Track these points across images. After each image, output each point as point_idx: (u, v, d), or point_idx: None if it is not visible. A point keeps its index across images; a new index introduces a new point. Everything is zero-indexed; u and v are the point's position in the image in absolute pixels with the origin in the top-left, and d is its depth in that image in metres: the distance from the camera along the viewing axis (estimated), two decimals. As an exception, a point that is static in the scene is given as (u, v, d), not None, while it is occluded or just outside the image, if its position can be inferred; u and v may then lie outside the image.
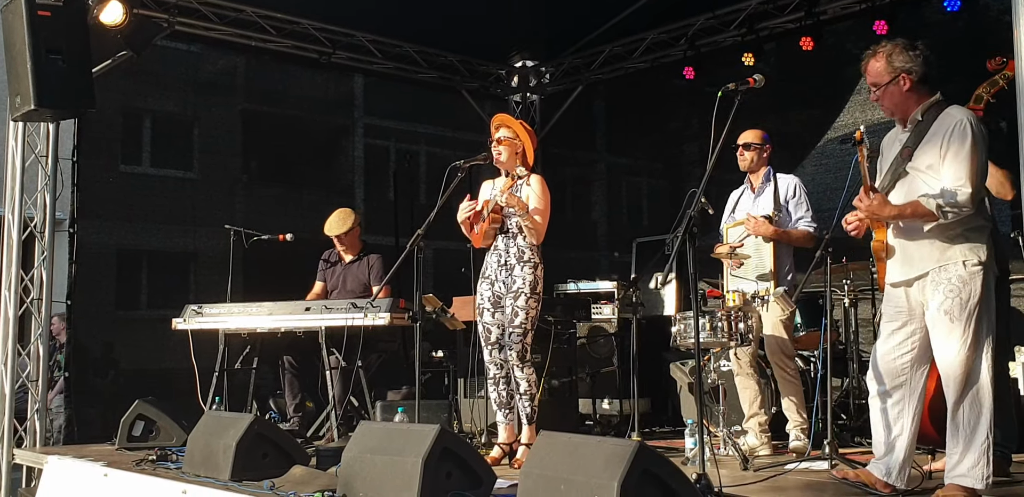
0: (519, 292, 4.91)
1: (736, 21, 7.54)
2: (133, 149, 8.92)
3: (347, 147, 9.72)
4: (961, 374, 3.49)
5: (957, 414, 3.52)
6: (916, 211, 3.50)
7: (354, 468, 3.83)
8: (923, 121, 3.64)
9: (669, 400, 7.00)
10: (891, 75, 3.64)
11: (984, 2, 6.58)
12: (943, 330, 3.53)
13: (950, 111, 3.60)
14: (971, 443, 3.49)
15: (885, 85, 3.66)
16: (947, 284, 3.51)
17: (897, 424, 3.69)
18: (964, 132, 3.48)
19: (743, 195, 5.47)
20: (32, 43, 5.33)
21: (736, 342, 4.85)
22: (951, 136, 3.50)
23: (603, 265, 9.44)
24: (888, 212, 3.56)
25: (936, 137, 3.55)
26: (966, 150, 3.46)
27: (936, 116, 3.60)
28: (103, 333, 7.53)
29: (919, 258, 3.60)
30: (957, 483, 3.51)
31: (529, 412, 4.96)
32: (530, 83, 9.45)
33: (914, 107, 3.66)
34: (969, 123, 3.50)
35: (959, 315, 3.49)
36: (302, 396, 6.46)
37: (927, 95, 3.67)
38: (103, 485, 4.86)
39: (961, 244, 3.53)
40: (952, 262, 3.53)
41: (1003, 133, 4.87)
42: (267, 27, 7.72)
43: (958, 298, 3.49)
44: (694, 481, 3.41)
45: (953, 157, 3.48)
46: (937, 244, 3.56)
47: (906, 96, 3.65)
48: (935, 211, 3.45)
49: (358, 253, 6.65)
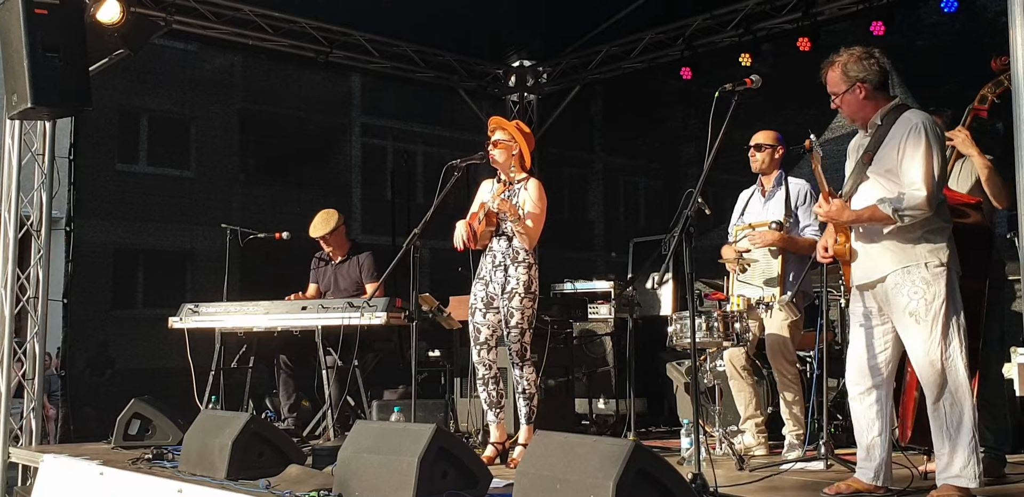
0: (513, 292, 4.92)
1: (733, 21, 7.54)
2: (130, 147, 8.93)
3: (344, 146, 9.71)
4: (934, 374, 3.54)
5: (939, 414, 3.56)
6: (874, 216, 3.58)
7: (350, 467, 3.83)
8: (882, 125, 3.71)
9: (665, 400, 7.00)
10: (847, 84, 3.73)
11: (981, 3, 6.59)
12: (911, 332, 3.59)
13: (907, 115, 3.67)
14: (958, 442, 3.52)
15: (842, 94, 3.75)
16: (911, 286, 3.57)
17: (875, 425, 3.74)
18: (919, 135, 3.55)
19: (753, 197, 5.41)
20: (29, 41, 5.32)
21: (732, 342, 4.85)
22: (907, 140, 3.57)
23: (600, 265, 9.45)
24: (847, 217, 3.65)
25: (893, 141, 3.63)
26: (921, 153, 3.53)
27: (895, 120, 3.68)
28: (99, 332, 7.52)
29: (881, 261, 3.66)
30: (951, 484, 3.52)
31: (527, 412, 4.97)
32: (527, 83, 9.44)
33: (872, 113, 3.75)
34: (924, 127, 3.57)
35: (925, 316, 3.54)
36: (298, 395, 6.46)
37: (885, 100, 3.76)
38: (99, 484, 4.85)
39: (922, 246, 3.59)
40: (914, 264, 3.58)
41: (1000, 134, 4.88)
42: (264, 26, 7.71)
43: (923, 299, 3.54)
44: (690, 481, 3.42)
45: (909, 160, 3.56)
46: (898, 247, 3.62)
47: (863, 103, 3.74)
48: (892, 215, 3.52)
49: (347, 252, 6.65)
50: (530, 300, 4.96)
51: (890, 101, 3.75)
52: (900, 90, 7.03)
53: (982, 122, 4.53)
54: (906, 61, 7.09)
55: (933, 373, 3.54)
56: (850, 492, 3.72)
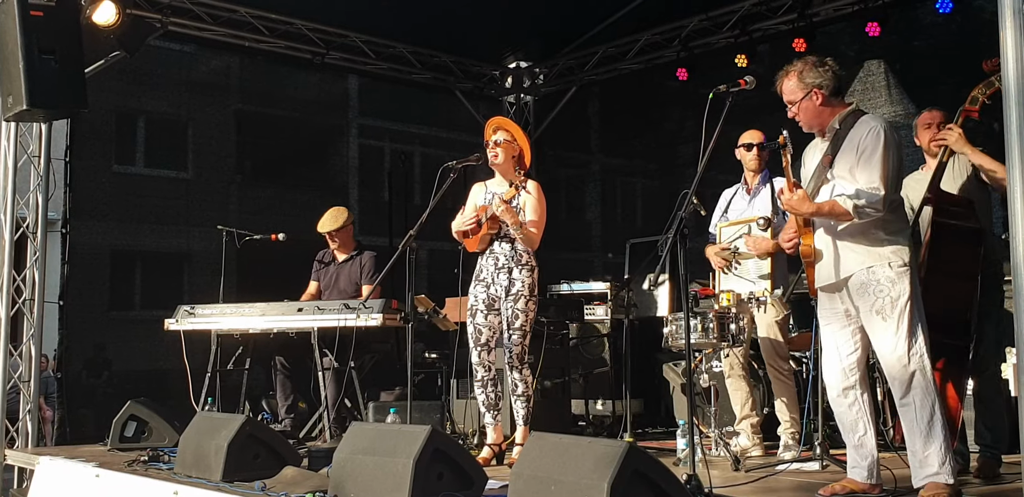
0: (519, 295, 4.93)
1: (729, 23, 7.56)
2: (127, 149, 8.91)
3: (341, 148, 9.70)
4: (900, 370, 3.59)
5: (908, 411, 3.60)
6: (833, 209, 3.62)
7: (345, 469, 3.83)
8: (840, 129, 3.78)
9: (662, 401, 7.01)
10: (804, 91, 3.79)
11: (977, 4, 6.59)
12: (878, 329, 3.65)
13: (864, 119, 3.75)
14: (931, 439, 3.56)
15: (799, 101, 3.81)
16: (876, 285, 3.63)
17: (858, 425, 3.78)
18: (877, 138, 3.62)
19: (736, 195, 5.45)
20: (25, 43, 5.32)
21: (727, 343, 4.86)
22: (864, 141, 3.65)
23: (597, 266, 9.45)
24: (807, 208, 3.67)
25: (852, 143, 3.70)
26: (878, 155, 3.60)
27: (852, 124, 3.74)
28: (96, 334, 7.51)
29: (846, 261, 3.71)
30: (935, 481, 3.54)
31: (524, 413, 4.97)
32: (524, 84, 9.45)
33: (830, 119, 3.81)
34: (882, 130, 3.66)
35: (891, 313, 3.60)
36: (294, 397, 6.46)
37: (842, 106, 3.83)
38: (95, 486, 4.85)
39: (885, 247, 3.66)
40: (878, 264, 3.64)
41: (995, 133, 4.88)
42: (260, 27, 7.71)
43: (888, 297, 3.60)
44: (685, 482, 3.42)
45: (866, 162, 3.63)
46: (862, 247, 3.68)
47: (820, 110, 3.79)
48: (851, 210, 3.57)
49: (351, 252, 6.65)
50: (534, 303, 5.00)
51: (847, 106, 3.83)
52: (896, 91, 7.07)
53: (977, 122, 4.54)
54: (902, 62, 7.10)
55: (900, 369, 3.59)
56: (845, 493, 3.73)
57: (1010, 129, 3.10)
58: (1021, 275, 3.04)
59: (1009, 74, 3.11)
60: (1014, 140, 3.09)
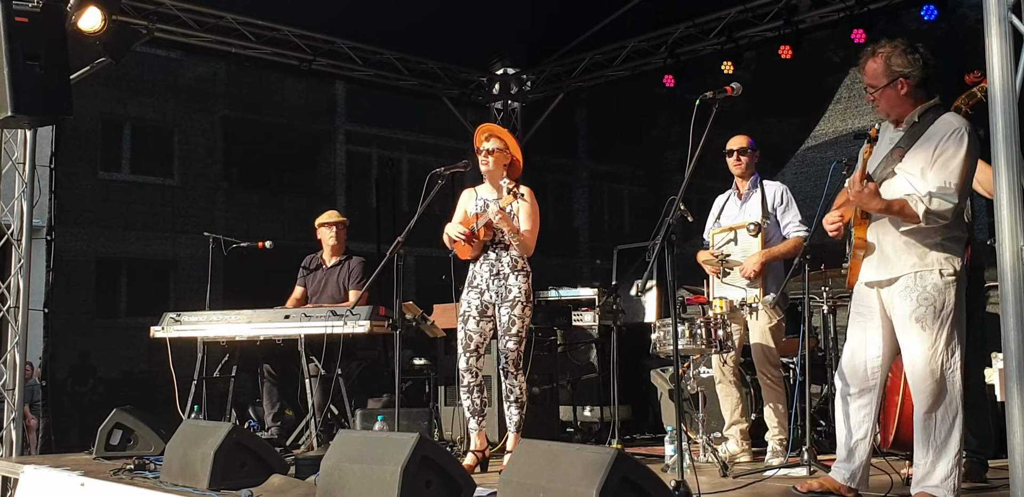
0: (515, 301, 4.94)
1: (716, 30, 7.59)
2: (113, 156, 8.88)
3: (328, 154, 9.70)
4: (932, 384, 3.47)
5: (928, 424, 3.49)
6: (903, 210, 3.45)
7: (333, 477, 3.81)
8: (919, 123, 3.58)
9: (650, 407, 7.01)
10: (888, 78, 3.59)
11: (961, 11, 6.65)
12: (914, 338, 3.51)
13: (948, 117, 3.57)
14: (943, 454, 3.46)
15: (882, 88, 3.60)
16: (921, 292, 3.49)
17: (861, 428, 3.68)
18: (960, 141, 3.44)
19: (729, 201, 5.46)
20: (9, 49, 5.30)
21: (715, 349, 4.86)
22: (946, 142, 3.46)
23: (584, 272, 9.46)
24: (876, 204, 3.49)
25: (930, 142, 3.51)
26: (959, 159, 3.43)
27: (933, 120, 3.57)
28: (81, 341, 7.47)
29: (896, 261, 3.57)
30: (928, 493, 3.47)
31: (518, 420, 4.97)
32: (511, 90, 9.46)
33: (910, 110, 3.61)
34: (966, 133, 3.46)
35: (931, 324, 3.46)
36: (281, 404, 6.43)
37: (924, 99, 3.62)
38: (80, 495, 4.82)
39: (939, 253, 3.51)
40: (928, 269, 3.50)
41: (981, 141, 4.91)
42: (247, 34, 7.70)
43: (932, 307, 3.47)
44: (673, 488, 3.42)
45: (943, 164, 3.45)
46: (916, 249, 3.53)
47: (903, 100, 3.60)
48: (920, 214, 3.41)
49: (341, 256, 6.65)
50: (530, 309, 5.02)
51: (929, 99, 3.62)
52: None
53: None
54: (887, 69, 7.14)
55: (932, 383, 3.46)
56: (821, 490, 3.69)
57: (996, 137, 3.11)
58: (1007, 281, 3.05)
59: (995, 81, 3.12)
60: (1000, 147, 3.10)
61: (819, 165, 7.13)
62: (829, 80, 7.36)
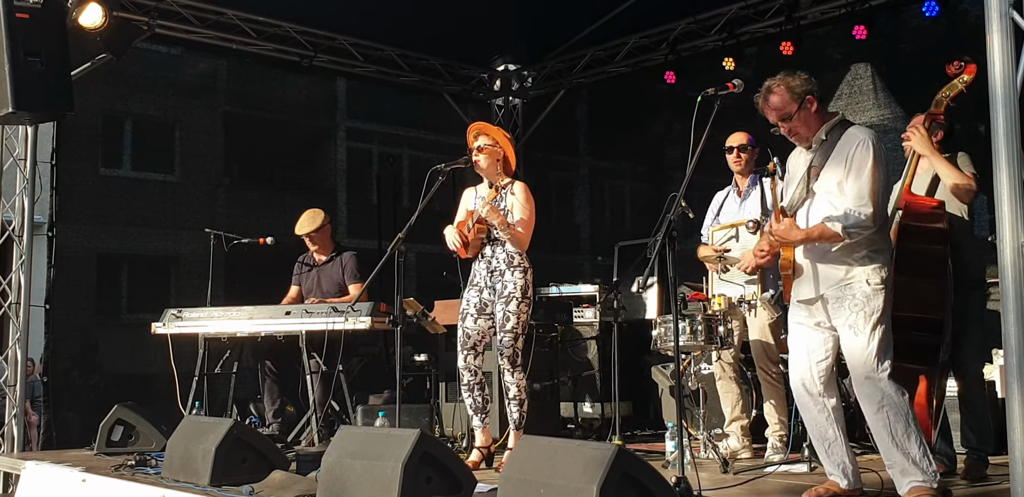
0: (511, 297, 4.93)
1: (717, 26, 7.58)
2: (114, 152, 8.88)
3: (329, 150, 9.70)
4: (870, 386, 3.57)
5: (882, 421, 3.56)
6: (823, 234, 3.58)
7: (334, 473, 3.81)
8: (827, 140, 3.70)
9: (651, 403, 7.01)
10: (797, 101, 3.68)
11: (963, 7, 6.63)
12: (850, 344, 3.62)
13: (853, 131, 3.68)
14: (909, 449, 3.53)
15: (796, 112, 3.68)
16: (851, 300, 3.60)
17: (829, 431, 3.74)
18: (867, 151, 3.56)
19: (728, 198, 5.46)
20: (10, 45, 5.28)
21: (716, 345, 4.86)
22: (854, 155, 3.58)
23: (585, 268, 9.45)
24: (796, 236, 3.65)
25: (840, 156, 3.62)
26: (868, 169, 3.54)
27: (840, 135, 3.68)
28: (83, 337, 7.47)
29: (824, 278, 3.68)
30: (921, 486, 3.52)
31: (517, 417, 4.96)
32: (512, 87, 9.45)
33: (819, 128, 3.73)
34: (871, 143, 3.58)
35: (863, 328, 3.57)
36: (282, 400, 6.44)
37: (829, 116, 3.75)
38: (81, 491, 4.82)
39: (865, 265, 3.61)
40: (856, 281, 3.61)
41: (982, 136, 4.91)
42: (248, 30, 7.69)
43: (862, 312, 3.58)
44: (674, 484, 3.42)
45: (856, 176, 3.56)
46: (842, 265, 3.64)
47: (816, 117, 3.71)
48: (840, 232, 3.53)
49: (330, 253, 6.64)
50: (526, 305, 4.97)
51: (833, 116, 3.76)
52: (883, 94, 7.10)
53: (966, 124, 4.56)
54: (888, 65, 7.13)
55: (870, 385, 3.57)
56: (828, 495, 3.71)
57: (997, 132, 3.11)
58: (1008, 277, 3.05)
59: (996, 77, 3.12)
60: (1000, 143, 3.10)
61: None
62: (830, 76, 7.34)
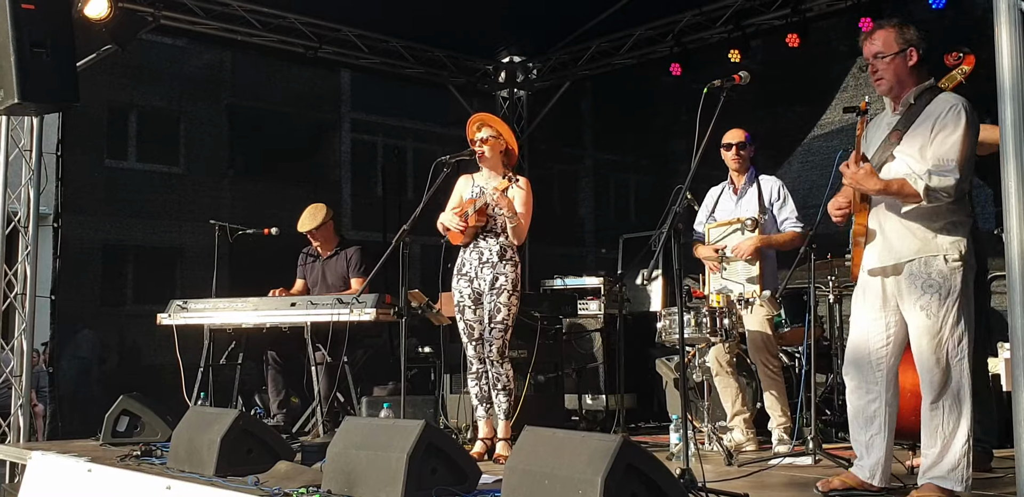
0: (502, 289, 4.94)
1: (723, 18, 7.56)
2: (118, 144, 8.86)
3: (334, 142, 9.68)
4: (938, 373, 3.40)
5: (936, 414, 3.42)
6: (902, 189, 3.37)
7: (339, 464, 3.83)
8: (915, 105, 3.53)
9: (655, 396, 7.02)
10: (900, 46, 3.53)
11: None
12: (920, 326, 3.43)
13: (944, 96, 3.52)
14: (951, 444, 3.40)
15: (893, 55, 3.53)
16: (926, 279, 3.42)
17: (875, 422, 3.58)
18: (958, 117, 3.39)
19: (723, 194, 5.44)
20: (16, 37, 5.28)
21: (720, 338, 4.86)
22: (944, 120, 3.41)
23: (590, 261, 9.44)
24: (873, 184, 3.41)
25: (928, 121, 3.46)
26: (958, 135, 3.37)
27: (929, 100, 3.52)
28: (88, 328, 7.48)
29: (900, 246, 3.50)
30: (935, 484, 3.42)
31: (507, 408, 4.98)
32: (517, 79, 9.44)
33: (910, 87, 3.56)
34: (964, 109, 3.41)
35: (936, 311, 3.40)
36: (286, 392, 6.45)
37: (923, 78, 3.58)
38: (87, 481, 4.84)
39: (944, 237, 3.44)
40: (933, 255, 3.43)
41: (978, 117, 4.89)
42: (253, 21, 7.69)
43: (937, 294, 3.40)
44: (678, 476, 3.43)
45: (942, 141, 3.39)
46: (920, 234, 3.46)
47: (909, 72, 3.54)
48: (921, 192, 3.32)
49: (335, 247, 6.64)
50: (516, 298, 5.00)
51: (927, 80, 3.59)
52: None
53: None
54: (895, 57, 7.10)
55: (938, 372, 3.40)
56: (844, 488, 3.61)
57: (1004, 124, 3.10)
58: (1015, 270, 3.04)
59: (1004, 69, 3.11)
60: (1008, 135, 3.09)
61: (825, 154, 7.10)
62: (836, 69, 7.32)
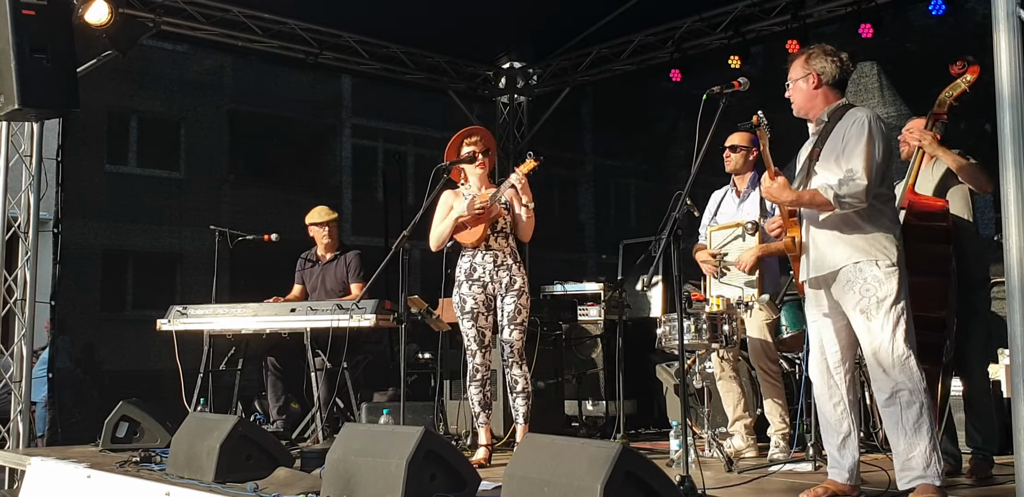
0: (520, 290, 5.00)
1: (723, 24, 7.56)
2: (119, 149, 8.87)
3: (334, 147, 9.69)
4: (882, 373, 3.54)
5: (893, 413, 3.54)
6: (814, 199, 3.59)
7: (338, 470, 3.82)
8: (828, 123, 3.76)
9: (655, 402, 7.01)
10: (804, 72, 3.76)
11: (970, 6, 6.60)
12: (862, 329, 3.60)
13: (851, 111, 3.73)
14: (916, 442, 3.50)
15: (796, 80, 3.78)
16: (862, 283, 3.57)
17: (842, 425, 3.73)
18: (861, 128, 3.59)
19: (726, 198, 5.45)
20: (16, 42, 5.29)
21: (720, 344, 4.86)
22: (849, 132, 3.62)
23: (590, 266, 9.45)
24: (787, 196, 3.65)
25: (837, 135, 3.67)
26: (862, 145, 3.56)
27: (840, 117, 3.72)
28: (88, 334, 7.48)
29: (831, 255, 3.66)
30: (928, 483, 3.49)
31: (524, 411, 4.99)
32: (517, 85, 9.45)
33: (820, 107, 3.78)
34: (868, 120, 3.60)
35: (875, 313, 3.55)
36: (286, 397, 6.44)
37: (835, 98, 3.78)
38: (86, 487, 4.83)
39: (872, 242, 3.60)
40: (865, 260, 3.59)
41: (987, 134, 4.90)
42: (254, 27, 7.69)
43: (874, 297, 3.55)
44: (678, 483, 3.42)
45: (850, 151, 3.58)
46: (847, 241, 3.63)
47: (812, 94, 3.76)
48: (831, 199, 3.52)
49: (335, 251, 6.65)
50: (528, 300, 5.06)
51: (838, 100, 3.80)
52: (889, 92, 7.08)
53: (971, 123, 4.55)
54: (895, 63, 7.11)
55: (881, 372, 3.54)
56: (827, 495, 3.68)
57: (1003, 132, 3.11)
58: (1015, 276, 3.04)
59: (1002, 76, 3.12)
60: (1007, 143, 3.10)
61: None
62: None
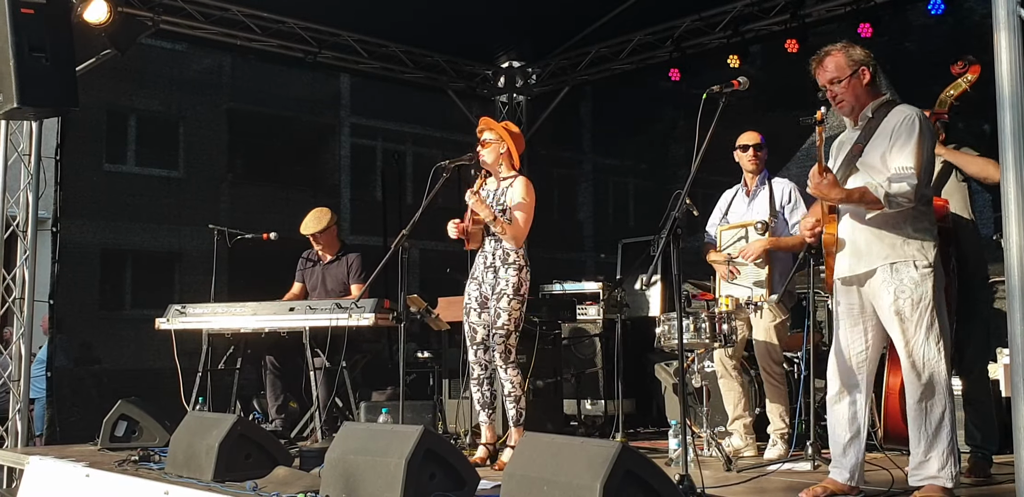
0: (501, 293, 4.92)
1: (722, 23, 7.56)
2: (118, 148, 8.87)
3: (333, 146, 9.69)
4: (914, 375, 3.55)
5: (918, 414, 3.56)
6: (864, 197, 3.53)
7: (337, 469, 3.82)
8: (873, 118, 3.70)
9: (654, 401, 7.01)
10: (852, 68, 3.70)
11: (968, 5, 6.61)
12: (896, 330, 3.59)
13: (900, 107, 3.68)
14: (935, 444, 3.53)
15: (848, 78, 3.70)
16: (898, 285, 3.56)
17: (853, 425, 3.73)
18: (912, 126, 3.55)
19: (736, 197, 5.45)
20: (15, 41, 5.29)
21: (719, 343, 4.86)
22: (899, 130, 3.57)
23: (589, 266, 9.45)
24: (836, 194, 3.57)
25: (885, 131, 3.62)
26: (913, 143, 3.52)
27: (886, 113, 3.68)
28: (86, 333, 7.47)
29: (869, 253, 3.63)
30: (936, 484, 3.52)
31: (515, 414, 4.96)
32: (516, 84, 9.45)
33: (867, 103, 3.74)
34: (918, 118, 3.57)
35: (910, 316, 3.54)
36: (285, 397, 6.44)
37: (878, 94, 3.76)
38: (85, 486, 4.83)
39: (912, 243, 3.58)
40: (902, 261, 3.57)
41: (986, 135, 4.90)
42: (252, 26, 7.69)
43: (909, 299, 3.54)
44: (677, 482, 3.43)
45: (900, 150, 3.54)
46: (888, 240, 3.60)
47: (866, 90, 3.72)
48: (882, 199, 3.47)
49: (336, 252, 6.64)
50: (518, 302, 4.94)
51: (882, 95, 3.76)
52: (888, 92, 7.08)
53: (970, 123, 4.55)
54: (893, 63, 7.10)
55: (914, 375, 3.54)
56: (826, 494, 3.69)
57: (1003, 131, 3.11)
58: (1015, 276, 3.04)
59: (1003, 75, 3.12)
60: (1008, 142, 3.10)
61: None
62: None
